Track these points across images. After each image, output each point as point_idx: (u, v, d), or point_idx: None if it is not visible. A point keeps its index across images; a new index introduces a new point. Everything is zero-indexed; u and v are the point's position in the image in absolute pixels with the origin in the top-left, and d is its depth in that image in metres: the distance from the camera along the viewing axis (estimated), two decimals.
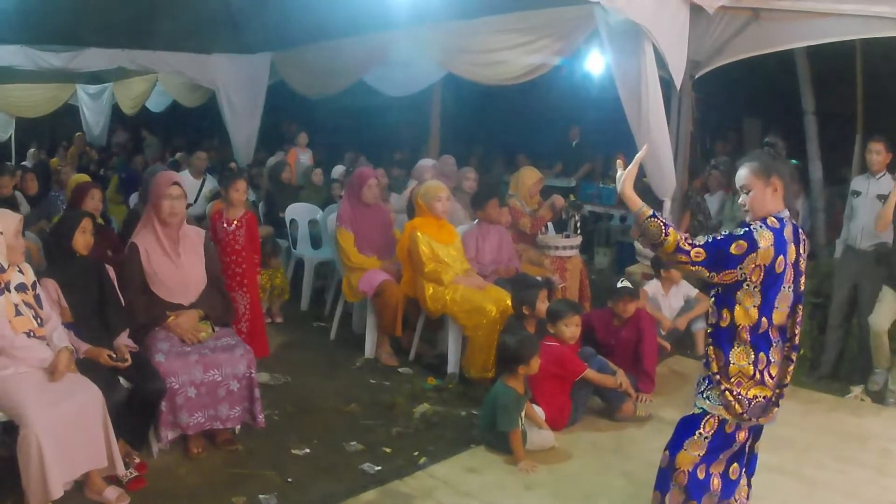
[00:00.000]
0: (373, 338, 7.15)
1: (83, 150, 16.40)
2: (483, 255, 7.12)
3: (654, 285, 7.07)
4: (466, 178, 8.45)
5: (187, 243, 5.55)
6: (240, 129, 11.38)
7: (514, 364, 5.20)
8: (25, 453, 4.26)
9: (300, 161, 11.79)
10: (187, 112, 15.29)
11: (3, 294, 4.59)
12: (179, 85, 14.23)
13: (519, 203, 7.91)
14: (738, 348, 3.70)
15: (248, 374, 5.25)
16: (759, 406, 3.71)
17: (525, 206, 7.92)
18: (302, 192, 10.17)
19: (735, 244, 3.55)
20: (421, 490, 4.72)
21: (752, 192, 3.69)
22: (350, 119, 14.00)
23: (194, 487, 4.88)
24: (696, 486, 3.83)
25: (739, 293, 3.64)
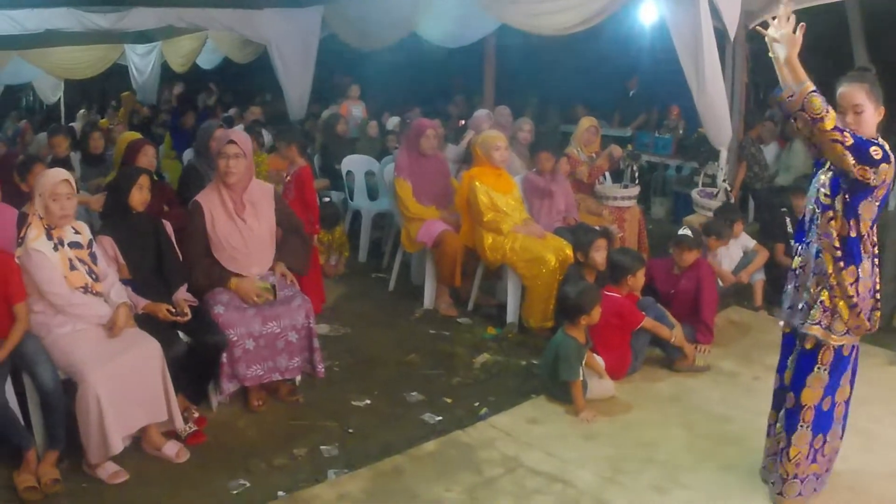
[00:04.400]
0: (432, 288, 7.14)
1: (134, 109, 16.43)
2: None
3: None
4: (521, 128, 8.34)
5: (255, 203, 5.44)
6: (293, 84, 11.33)
7: (575, 314, 5.16)
8: (84, 410, 4.31)
9: (352, 114, 11.71)
10: (239, 68, 15.24)
11: (58, 250, 4.61)
12: (230, 41, 14.18)
13: (576, 151, 7.83)
14: (866, 261, 3.69)
15: (307, 325, 5.24)
16: (875, 318, 3.75)
17: (581, 154, 7.83)
18: (357, 144, 10.15)
19: (873, 148, 3.49)
20: (482, 440, 4.72)
21: (864, 111, 3.60)
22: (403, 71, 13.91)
23: (254, 440, 4.93)
24: (824, 419, 3.85)
25: (864, 203, 3.62)
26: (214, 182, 5.45)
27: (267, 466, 4.60)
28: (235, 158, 5.29)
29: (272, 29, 10.97)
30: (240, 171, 5.31)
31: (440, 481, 4.30)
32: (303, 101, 11.39)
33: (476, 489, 4.23)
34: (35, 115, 19.31)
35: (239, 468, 4.57)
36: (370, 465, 4.51)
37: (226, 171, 5.29)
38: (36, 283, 4.57)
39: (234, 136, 5.46)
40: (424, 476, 4.36)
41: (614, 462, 4.44)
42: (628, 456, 4.51)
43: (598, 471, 4.35)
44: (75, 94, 18.98)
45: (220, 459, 4.67)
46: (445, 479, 4.31)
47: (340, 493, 4.25)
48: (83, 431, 4.36)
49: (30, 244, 4.56)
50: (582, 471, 4.34)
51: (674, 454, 4.53)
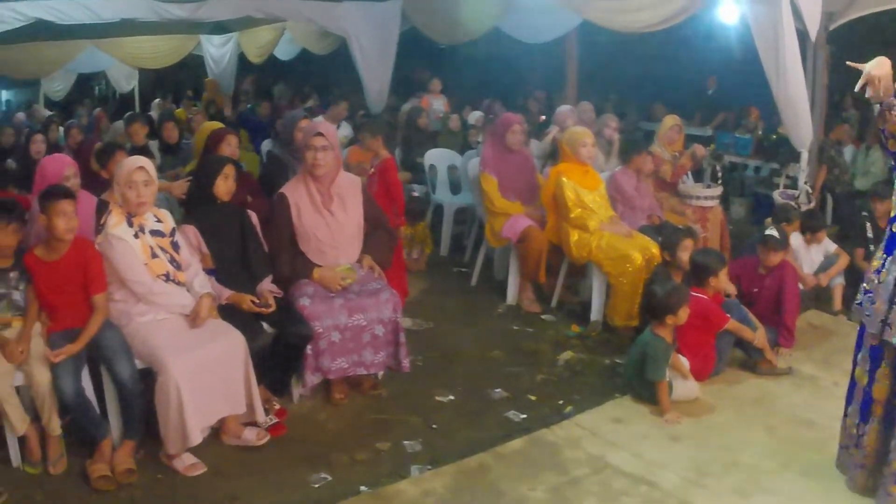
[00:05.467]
0: (515, 284, 7.13)
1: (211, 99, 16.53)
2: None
3: (797, 238, 6.88)
4: (607, 125, 8.31)
5: (343, 196, 5.44)
6: (372, 77, 11.30)
7: (662, 313, 5.14)
8: (164, 400, 4.35)
9: (433, 107, 11.77)
10: (317, 60, 15.27)
11: (139, 237, 4.65)
12: (308, 33, 14.17)
13: (659, 149, 7.79)
14: None
15: (394, 319, 5.22)
16: None
17: (665, 152, 7.80)
18: (438, 138, 10.20)
19: None
20: (568, 439, 4.70)
21: None
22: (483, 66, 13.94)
23: (336, 433, 4.95)
24: None
25: None
26: (301, 174, 5.47)
27: (349, 460, 4.62)
28: (323, 151, 5.29)
29: (352, 21, 10.97)
30: (328, 163, 5.32)
31: (525, 480, 4.28)
32: (382, 95, 11.39)
33: (561, 489, 4.21)
34: (108, 103, 19.66)
35: (320, 462, 4.60)
36: (455, 462, 4.50)
37: (313, 164, 5.29)
38: (116, 271, 4.63)
39: (321, 128, 5.46)
40: (509, 474, 4.35)
41: (698, 464, 4.42)
42: (712, 458, 4.48)
43: (683, 473, 4.33)
44: (149, 83, 19.24)
45: (301, 452, 4.70)
46: (530, 478, 4.30)
47: (425, 490, 4.24)
48: (162, 422, 4.40)
49: (110, 231, 4.62)
50: (666, 472, 4.32)
51: (756, 458, 4.49)
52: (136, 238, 4.65)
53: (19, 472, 4.51)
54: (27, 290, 4.61)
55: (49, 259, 4.58)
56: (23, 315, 4.60)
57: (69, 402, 4.38)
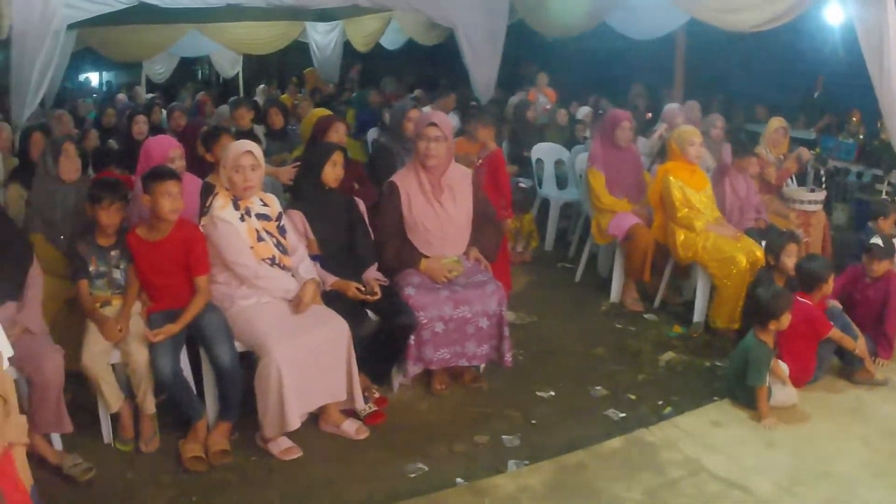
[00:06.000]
0: (619, 282, 7.15)
1: (316, 87, 16.60)
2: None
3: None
4: (714, 125, 8.28)
5: (454, 187, 5.44)
6: (479, 69, 11.26)
7: (766, 318, 5.10)
8: (264, 384, 4.40)
9: (539, 101, 11.74)
10: (423, 50, 15.29)
11: (244, 220, 4.72)
12: (415, 23, 14.30)
13: (765, 152, 7.72)
14: None
15: (499, 312, 5.23)
16: None
17: (770, 155, 7.75)
18: (546, 132, 10.19)
19: None
20: (665, 440, 4.68)
21: None
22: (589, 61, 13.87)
23: (435, 423, 5.02)
24: None
25: None
26: (412, 163, 5.50)
27: (447, 452, 4.67)
28: (436, 141, 5.30)
29: (459, 12, 10.93)
30: (440, 153, 5.32)
31: (621, 480, 4.28)
32: (489, 87, 11.38)
33: (657, 491, 4.20)
34: (211, 87, 19.96)
35: (417, 452, 4.64)
36: (553, 459, 4.50)
37: (426, 154, 5.31)
38: (221, 253, 4.69)
39: (435, 118, 5.46)
40: (606, 474, 4.34)
41: (793, 472, 4.38)
42: (806, 467, 4.44)
43: (777, 480, 4.30)
44: (253, 69, 19.36)
45: (398, 441, 4.76)
46: (627, 479, 4.29)
47: (521, 486, 4.25)
48: (260, 405, 4.47)
49: (216, 213, 4.68)
50: (761, 479, 4.30)
51: (851, 468, 4.44)
52: (241, 221, 4.72)
53: (110, 449, 4.64)
54: (128, 270, 4.73)
55: (151, 239, 4.68)
56: (123, 294, 4.73)
57: (166, 381, 4.48)
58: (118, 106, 12.78)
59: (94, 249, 4.70)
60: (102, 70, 24.82)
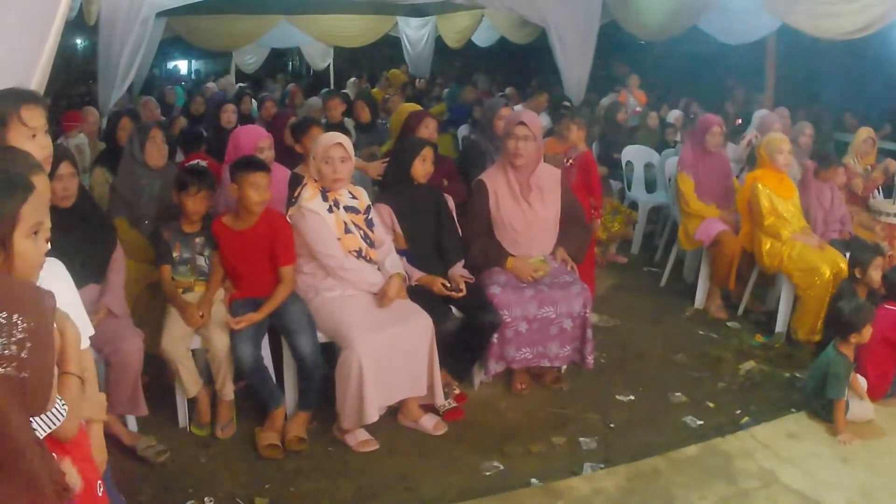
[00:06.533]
0: (704, 288, 7.13)
1: (407, 82, 16.63)
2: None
3: None
4: (803, 132, 8.16)
5: (542, 187, 5.45)
6: (571, 68, 11.25)
7: (847, 331, 5.06)
8: (345, 376, 4.44)
9: (629, 103, 11.70)
10: (515, 48, 15.23)
11: (332, 212, 4.77)
12: (508, 21, 14.27)
13: (852, 162, 7.64)
14: None
15: (583, 314, 5.23)
16: None
17: (857, 165, 7.65)
18: (636, 135, 10.18)
19: None
20: (741, 450, 4.67)
21: None
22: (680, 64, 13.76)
23: (513, 423, 5.05)
24: None
25: None
26: (501, 162, 5.54)
27: (523, 451, 4.70)
28: (525, 140, 5.32)
29: (552, 11, 10.94)
30: (529, 153, 5.35)
31: (696, 488, 4.29)
32: (581, 87, 11.38)
33: (730, 500, 4.19)
34: (301, 79, 20.06)
35: (494, 450, 4.68)
36: (628, 464, 4.52)
37: (515, 153, 5.34)
38: (308, 244, 4.74)
39: (524, 118, 5.47)
40: (681, 481, 4.36)
41: (866, 489, 4.35)
42: (880, 484, 4.39)
43: (850, 496, 4.27)
44: (344, 61, 19.46)
45: (476, 439, 4.81)
46: (701, 487, 4.30)
47: (596, 489, 4.27)
48: (340, 396, 4.51)
49: (304, 204, 4.73)
50: (834, 494, 4.27)
51: None
52: (329, 212, 4.76)
53: (185, 433, 4.77)
54: (212, 257, 4.83)
55: (237, 228, 4.76)
56: (206, 280, 4.85)
57: (246, 369, 4.58)
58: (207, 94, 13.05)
59: (179, 236, 4.84)
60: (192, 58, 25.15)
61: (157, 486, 4.27)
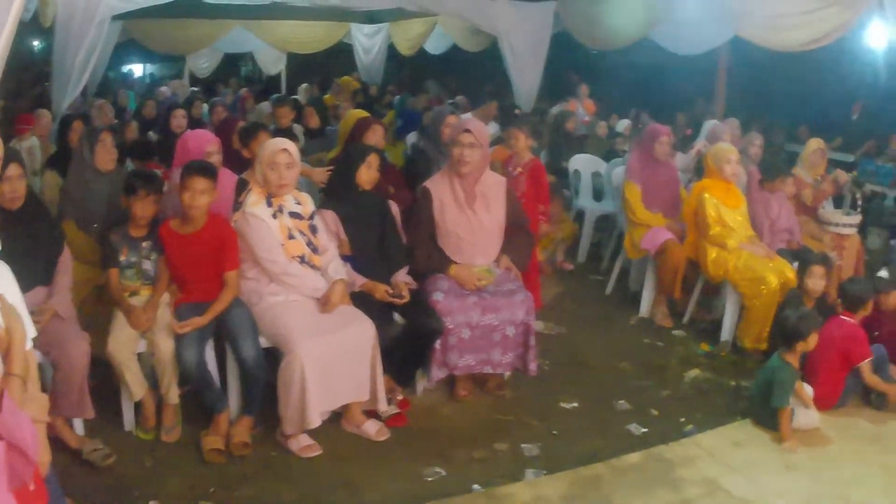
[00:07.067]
0: (649, 296, 7.12)
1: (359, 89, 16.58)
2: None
3: None
4: (753, 143, 8.16)
5: (487, 195, 5.44)
6: (522, 77, 11.31)
7: (792, 339, 5.08)
8: (287, 380, 4.44)
9: (578, 112, 11.69)
10: (467, 56, 15.25)
11: (277, 217, 4.76)
12: (460, 29, 14.25)
13: (802, 173, 7.67)
14: None
15: (526, 321, 5.24)
16: None
17: (807, 176, 7.68)
18: (585, 143, 10.15)
19: None
20: (685, 458, 4.66)
21: None
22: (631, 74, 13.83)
23: (456, 429, 5.02)
24: None
25: None
26: (446, 169, 5.51)
27: (466, 457, 4.68)
28: (470, 148, 5.30)
29: (504, 20, 10.98)
30: (474, 160, 5.33)
31: (638, 496, 4.28)
32: (531, 96, 11.42)
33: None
34: (254, 84, 20.12)
35: (436, 456, 4.66)
36: (570, 470, 4.51)
37: (460, 161, 5.32)
38: (252, 249, 4.73)
39: (470, 125, 5.45)
40: (623, 489, 4.34)
41: (811, 497, 4.35)
42: (824, 492, 4.40)
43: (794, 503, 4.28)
44: (297, 67, 19.35)
45: (419, 445, 4.78)
46: (643, 494, 4.29)
47: (537, 495, 4.26)
48: (282, 401, 4.50)
49: (248, 209, 4.73)
50: (778, 501, 4.27)
51: (868, 496, 4.39)
52: (274, 218, 4.76)
53: (131, 437, 4.72)
54: (159, 261, 4.81)
55: (183, 232, 4.73)
56: (152, 284, 4.80)
57: (191, 373, 4.55)
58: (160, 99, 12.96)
59: (127, 240, 4.79)
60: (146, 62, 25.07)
61: (103, 490, 4.23)
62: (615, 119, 11.83)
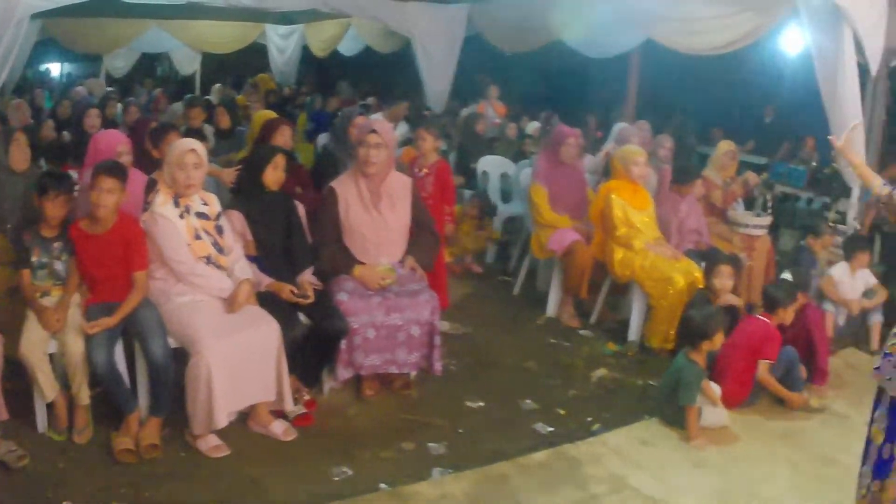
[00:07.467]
0: (556, 297, 7.11)
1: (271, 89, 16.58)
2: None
3: (840, 268, 6.73)
4: (662, 145, 8.23)
5: (392, 195, 5.46)
6: (434, 79, 11.36)
7: (698, 338, 5.11)
8: (194, 381, 4.43)
9: (487, 114, 11.66)
10: (379, 58, 15.32)
11: (184, 218, 4.73)
12: (374, 30, 14.29)
13: (712, 174, 7.74)
14: None
15: (431, 321, 5.26)
16: None
17: (717, 178, 7.75)
18: (494, 145, 10.16)
19: None
20: (591, 456, 4.69)
21: None
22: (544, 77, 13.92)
23: (363, 429, 5.00)
24: None
25: None
26: (353, 170, 5.50)
27: (372, 457, 4.66)
28: (377, 148, 5.32)
29: (417, 22, 11.01)
30: (380, 161, 5.35)
31: (544, 493, 4.30)
32: (443, 98, 11.45)
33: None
34: (169, 84, 19.92)
35: (343, 455, 4.64)
36: (476, 469, 4.52)
37: (366, 161, 5.33)
38: (159, 249, 4.71)
39: (376, 126, 5.49)
40: (529, 486, 4.35)
41: (719, 493, 4.39)
42: (733, 489, 4.45)
43: (702, 500, 4.31)
44: (212, 68, 19.26)
45: (326, 445, 4.76)
46: (550, 492, 4.31)
47: (443, 493, 4.27)
48: (190, 402, 4.49)
49: (156, 209, 4.71)
50: (686, 499, 4.30)
51: (777, 492, 4.45)
52: (181, 218, 4.74)
53: (44, 438, 4.63)
54: (69, 262, 4.73)
55: (93, 232, 4.68)
56: (63, 285, 4.72)
57: (100, 373, 4.48)
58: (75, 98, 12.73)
59: (38, 240, 4.72)
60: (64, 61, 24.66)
61: (17, 491, 4.20)
62: (526, 121, 11.83)
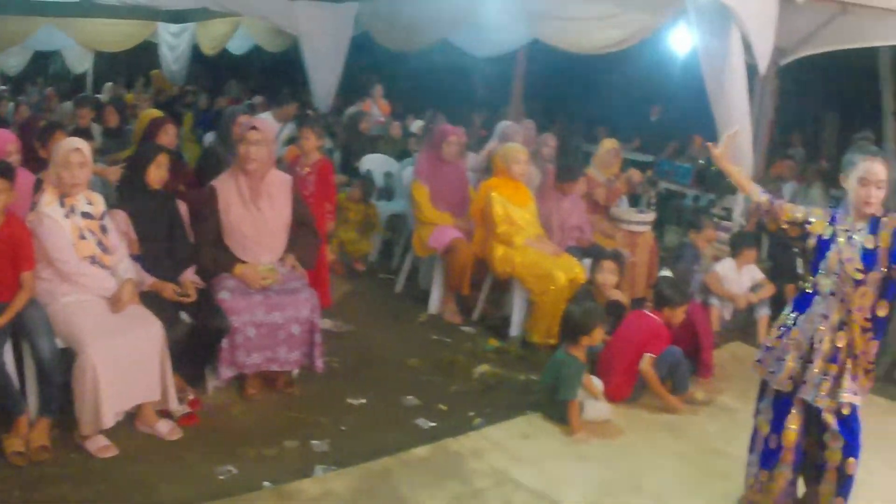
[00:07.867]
0: (438, 294, 7.14)
1: (161, 88, 16.46)
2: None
3: (726, 264, 6.88)
4: (546, 144, 8.29)
5: (272, 193, 5.45)
6: (321, 78, 11.34)
7: (577, 333, 5.16)
8: (81, 381, 4.36)
9: (372, 112, 11.73)
10: (268, 56, 15.31)
11: (69, 217, 4.66)
12: (262, 29, 14.22)
13: (595, 172, 7.83)
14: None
15: (311, 319, 5.26)
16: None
17: (600, 176, 7.84)
18: (378, 144, 10.16)
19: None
20: (473, 451, 4.72)
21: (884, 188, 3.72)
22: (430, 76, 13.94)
23: (247, 428, 4.96)
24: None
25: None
26: (233, 168, 5.47)
27: (256, 455, 4.63)
28: (256, 145, 5.29)
29: (305, 21, 10.96)
30: (260, 158, 5.32)
31: (427, 488, 4.31)
32: (329, 96, 11.45)
33: (461, 499, 4.24)
34: (62, 83, 19.47)
35: (228, 454, 4.60)
36: (359, 465, 4.53)
37: (245, 157, 5.30)
38: (45, 249, 4.61)
39: (257, 123, 5.50)
40: (412, 481, 4.37)
41: (603, 486, 4.44)
42: (617, 481, 4.50)
43: (586, 493, 4.35)
44: (104, 66, 18.98)
45: (210, 444, 4.71)
46: (432, 486, 4.33)
47: (326, 490, 4.26)
48: (77, 402, 4.41)
49: (42, 209, 4.63)
50: (570, 491, 4.34)
51: (662, 484, 4.51)
52: (66, 218, 4.67)
53: None
54: None
55: None
56: None
57: None
58: None
59: None
60: None
61: None
62: (411, 120, 11.90)
